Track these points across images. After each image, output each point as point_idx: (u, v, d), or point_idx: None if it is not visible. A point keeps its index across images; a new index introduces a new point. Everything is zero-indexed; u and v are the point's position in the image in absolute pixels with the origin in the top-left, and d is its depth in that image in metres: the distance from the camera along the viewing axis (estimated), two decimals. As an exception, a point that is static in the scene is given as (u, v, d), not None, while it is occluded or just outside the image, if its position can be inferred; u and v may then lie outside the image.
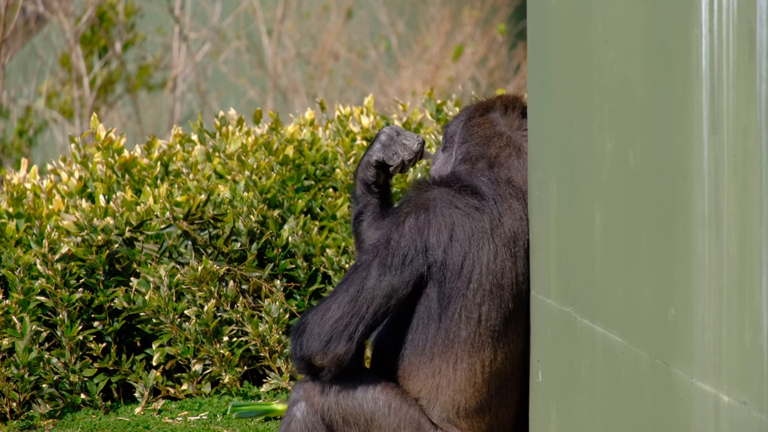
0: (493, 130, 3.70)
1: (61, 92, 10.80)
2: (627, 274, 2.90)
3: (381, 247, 3.49)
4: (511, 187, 3.58)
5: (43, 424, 4.65)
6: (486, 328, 3.50)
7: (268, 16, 11.95)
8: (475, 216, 3.49)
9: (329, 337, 3.45)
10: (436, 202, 3.50)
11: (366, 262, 3.48)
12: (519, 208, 3.55)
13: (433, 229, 3.48)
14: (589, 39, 3.07)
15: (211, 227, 5.05)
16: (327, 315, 3.46)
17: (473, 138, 3.70)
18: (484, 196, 3.53)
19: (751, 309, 2.40)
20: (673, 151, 2.66)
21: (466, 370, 3.50)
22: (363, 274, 3.47)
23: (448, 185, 3.54)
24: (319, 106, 6.17)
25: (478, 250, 3.48)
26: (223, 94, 12.06)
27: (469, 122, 3.73)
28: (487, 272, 3.48)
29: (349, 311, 3.46)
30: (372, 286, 3.46)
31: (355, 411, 3.51)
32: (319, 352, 3.46)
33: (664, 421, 2.74)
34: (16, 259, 4.77)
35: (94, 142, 5.31)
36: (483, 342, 3.50)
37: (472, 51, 11.75)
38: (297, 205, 5.23)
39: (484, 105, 3.76)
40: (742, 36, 2.41)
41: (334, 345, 3.45)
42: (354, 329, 3.46)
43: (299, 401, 3.54)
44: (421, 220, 3.48)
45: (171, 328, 4.84)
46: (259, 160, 5.30)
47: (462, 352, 3.50)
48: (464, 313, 3.48)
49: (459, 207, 3.50)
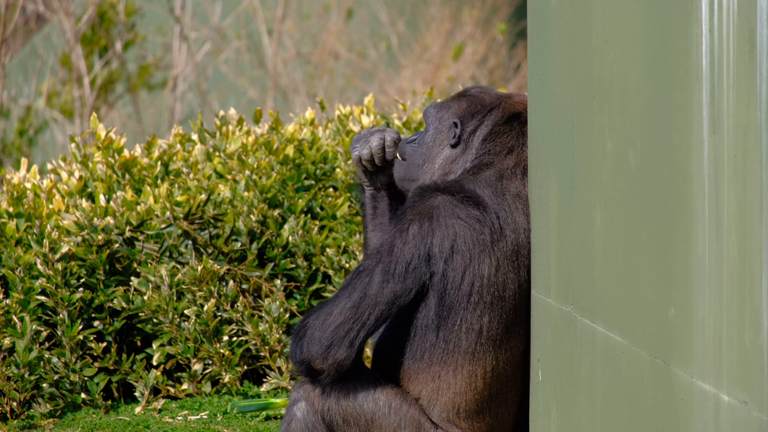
0: (515, 140, 3.65)
1: (61, 92, 10.80)
2: (627, 274, 2.90)
3: (385, 253, 3.47)
4: (519, 201, 3.54)
5: (43, 424, 4.65)
6: (487, 338, 3.49)
7: (269, 16, 11.95)
8: (476, 228, 3.47)
9: (330, 343, 3.44)
10: (440, 211, 3.47)
11: (369, 268, 3.47)
12: (523, 222, 3.52)
13: (437, 238, 3.45)
14: (589, 39, 3.07)
15: (212, 227, 5.05)
16: (329, 320, 3.45)
17: (494, 145, 3.62)
18: (487, 207, 3.50)
19: (751, 309, 2.40)
20: (673, 151, 2.66)
21: (466, 376, 3.50)
22: (366, 280, 3.46)
23: (452, 193, 3.50)
24: (319, 105, 6.17)
25: (479, 263, 3.46)
26: (224, 94, 12.05)
27: (494, 128, 3.65)
28: (488, 285, 3.47)
29: (351, 317, 3.45)
30: (375, 293, 3.45)
31: (355, 411, 3.50)
32: (320, 357, 3.45)
33: (664, 420, 2.74)
34: (16, 258, 4.77)
35: (95, 142, 5.31)
36: (485, 351, 3.50)
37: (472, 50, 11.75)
38: (297, 205, 5.23)
39: (510, 110, 3.67)
40: (743, 36, 2.41)
41: (334, 350, 3.45)
42: (355, 335, 3.45)
43: (299, 401, 3.54)
44: (425, 229, 3.46)
45: (171, 327, 4.84)
46: (259, 160, 5.30)
47: (463, 360, 3.49)
48: (465, 325, 3.47)
49: (461, 218, 3.47)
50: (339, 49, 12.08)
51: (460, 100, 3.73)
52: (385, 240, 3.49)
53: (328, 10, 12.26)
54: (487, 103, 3.69)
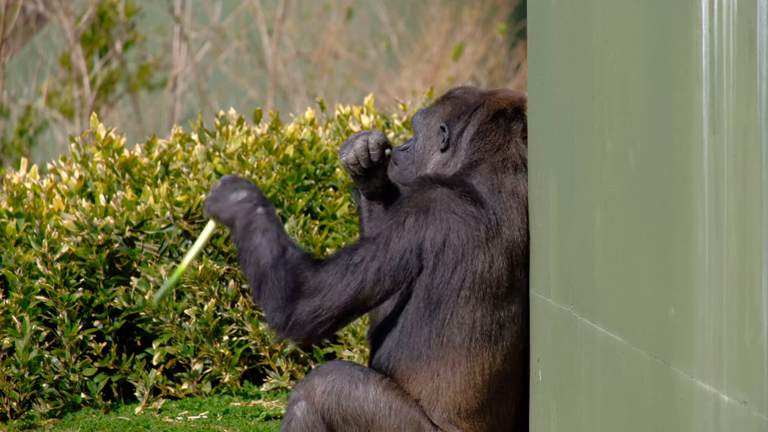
0: (502, 138, 3.66)
1: (61, 92, 10.79)
2: (627, 274, 2.90)
3: (381, 246, 3.48)
4: (514, 197, 3.55)
5: (43, 424, 4.65)
6: (482, 333, 3.50)
7: (269, 16, 11.95)
8: (471, 224, 3.47)
9: (311, 334, 3.48)
10: (437, 204, 3.48)
11: (365, 262, 3.47)
12: (519, 219, 3.53)
13: (429, 232, 3.46)
14: (589, 39, 3.07)
15: (212, 227, 5.05)
16: (318, 312, 3.47)
17: (482, 144, 3.65)
18: (484, 204, 3.51)
19: (751, 308, 2.40)
20: (673, 151, 2.66)
21: (465, 373, 3.50)
22: (360, 277, 3.47)
23: (451, 187, 3.51)
24: (319, 105, 6.17)
25: (472, 258, 3.47)
26: (224, 94, 12.05)
27: (480, 127, 3.68)
28: (480, 281, 3.48)
29: (340, 312, 3.48)
30: (368, 293, 3.48)
31: (355, 412, 3.51)
32: (298, 339, 3.49)
33: (664, 420, 2.74)
34: (16, 258, 4.77)
35: (94, 142, 5.31)
36: (480, 346, 3.50)
37: (472, 50, 11.75)
38: (297, 205, 5.23)
39: (494, 107, 3.69)
40: (742, 36, 2.41)
41: (314, 335, 3.49)
42: (334, 325, 3.50)
43: (300, 400, 3.54)
44: (420, 222, 3.47)
45: (171, 327, 4.85)
46: (259, 160, 5.31)
47: (459, 356, 3.50)
48: (456, 319, 3.48)
49: (456, 213, 3.48)
50: (339, 49, 12.09)
51: (444, 103, 3.75)
52: (382, 230, 3.49)
53: (328, 10, 12.26)
54: (471, 103, 3.70)
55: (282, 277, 3.47)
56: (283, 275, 3.47)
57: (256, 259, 3.51)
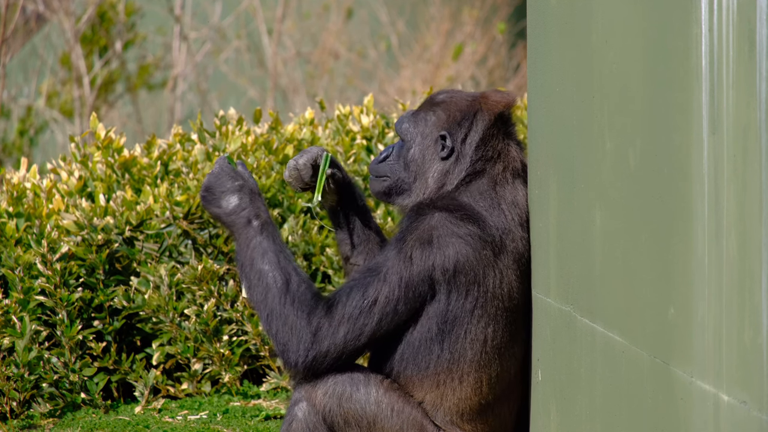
0: (502, 143, 3.63)
1: (61, 92, 10.80)
2: (627, 274, 2.90)
3: (393, 285, 3.47)
4: (515, 208, 3.55)
5: (43, 424, 4.65)
6: (492, 347, 3.50)
7: (269, 16, 11.96)
8: (477, 246, 3.47)
9: (327, 369, 3.52)
10: (439, 231, 3.46)
11: (379, 304, 3.48)
12: (520, 230, 3.53)
13: (438, 260, 3.46)
14: (589, 39, 3.07)
15: (211, 226, 5.05)
16: (338, 356, 3.50)
17: (486, 151, 3.60)
18: (485, 222, 3.50)
19: (751, 308, 2.40)
20: (673, 151, 2.66)
21: (472, 383, 3.51)
22: (376, 318, 3.49)
23: (449, 210, 3.50)
24: (319, 105, 6.17)
25: (483, 278, 3.47)
26: (224, 94, 12.05)
27: (484, 133, 3.62)
28: (492, 297, 3.48)
29: (358, 352, 3.52)
30: (385, 329, 3.50)
31: (357, 413, 3.50)
32: (314, 378, 3.52)
33: (663, 420, 2.74)
34: (15, 258, 4.77)
35: (94, 142, 5.31)
36: (490, 359, 3.51)
37: (472, 50, 11.75)
38: (297, 205, 5.23)
39: (494, 112, 3.63)
40: (742, 35, 2.41)
41: (329, 370, 3.52)
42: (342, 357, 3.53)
43: (301, 401, 3.54)
44: (426, 252, 3.46)
45: (171, 327, 4.84)
46: (259, 160, 5.31)
47: (468, 368, 3.50)
48: (469, 337, 3.49)
49: (461, 236, 3.47)
50: (339, 48, 12.09)
51: (435, 109, 3.66)
52: (389, 268, 3.47)
53: (328, 10, 12.26)
54: (467, 109, 3.64)
55: (292, 316, 3.50)
56: (292, 316, 3.50)
57: (261, 288, 3.54)
